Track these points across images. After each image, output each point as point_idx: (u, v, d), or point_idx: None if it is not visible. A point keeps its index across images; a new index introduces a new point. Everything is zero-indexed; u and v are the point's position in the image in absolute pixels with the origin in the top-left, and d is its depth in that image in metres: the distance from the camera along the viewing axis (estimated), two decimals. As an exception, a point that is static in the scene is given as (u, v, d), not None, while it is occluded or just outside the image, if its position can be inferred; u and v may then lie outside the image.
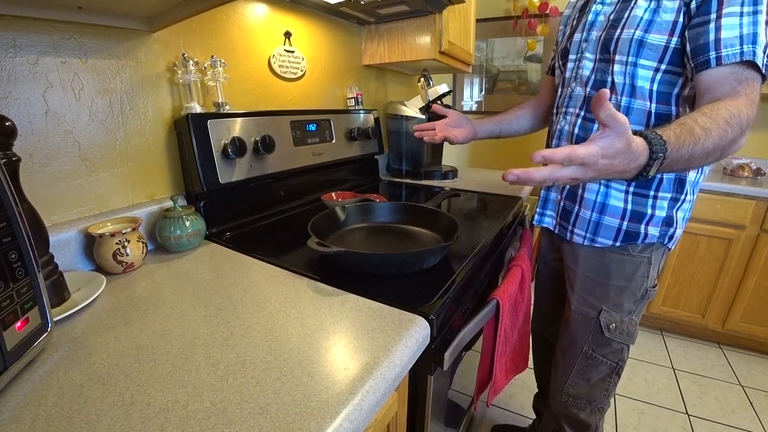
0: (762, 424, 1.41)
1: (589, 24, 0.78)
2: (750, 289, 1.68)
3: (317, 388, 0.42)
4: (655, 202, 0.76)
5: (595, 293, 0.84)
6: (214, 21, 0.93)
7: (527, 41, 2.26)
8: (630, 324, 0.83)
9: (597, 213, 0.80)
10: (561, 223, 0.88)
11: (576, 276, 0.86)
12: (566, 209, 0.86)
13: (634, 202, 0.77)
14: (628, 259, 0.80)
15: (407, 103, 1.51)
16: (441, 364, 0.60)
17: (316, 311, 0.57)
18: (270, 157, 0.99)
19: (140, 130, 0.81)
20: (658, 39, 0.67)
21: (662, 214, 0.76)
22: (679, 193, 0.76)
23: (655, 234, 0.77)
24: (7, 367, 0.41)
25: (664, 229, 0.77)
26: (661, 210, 0.76)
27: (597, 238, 0.81)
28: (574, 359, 0.89)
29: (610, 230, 0.79)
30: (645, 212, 0.76)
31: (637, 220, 0.77)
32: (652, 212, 0.76)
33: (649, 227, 0.77)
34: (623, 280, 0.81)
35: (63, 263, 0.65)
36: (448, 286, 0.64)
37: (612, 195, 0.78)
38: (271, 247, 0.82)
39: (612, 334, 0.83)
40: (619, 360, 0.85)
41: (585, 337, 0.86)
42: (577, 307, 0.87)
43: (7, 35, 0.61)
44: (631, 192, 0.77)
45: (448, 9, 1.31)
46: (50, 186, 0.69)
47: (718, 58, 0.60)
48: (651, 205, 0.76)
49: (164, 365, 0.45)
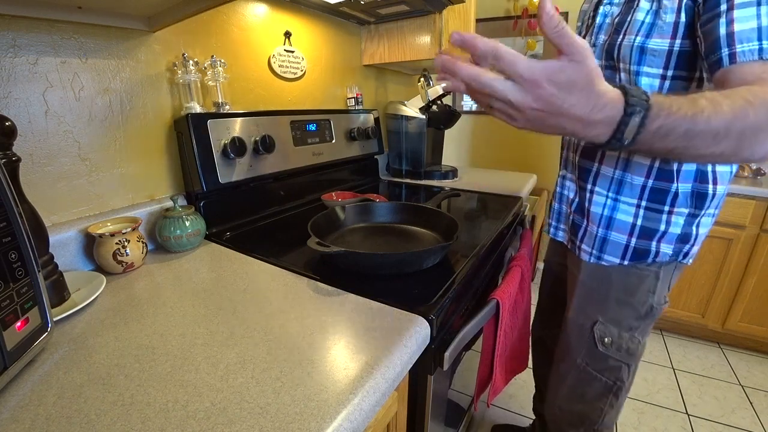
0: (762, 423, 1.41)
1: (597, 27, 0.72)
2: (750, 289, 1.68)
3: (317, 388, 0.42)
4: (670, 217, 0.67)
5: (592, 303, 0.78)
6: (214, 21, 0.93)
7: (527, 41, 2.26)
8: (631, 341, 0.76)
9: (603, 228, 0.73)
10: (571, 239, 0.82)
11: (576, 283, 0.81)
12: (575, 223, 0.79)
13: (645, 217, 0.68)
14: (631, 272, 0.73)
15: (407, 103, 1.51)
16: (441, 364, 0.60)
17: (316, 311, 0.57)
18: (270, 157, 0.99)
19: (140, 130, 0.81)
20: (661, 43, 0.60)
21: (676, 230, 0.68)
22: (698, 208, 0.66)
23: (668, 252, 0.69)
24: (7, 367, 0.41)
25: (679, 246, 0.69)
26: (676, 227, 0.67)
27: (603, 255, 0.74)
28: (568, 371, 0.84)
29: (617, 247, 0.72)
30: (657, 228, 0.68)
31: (647, 236, 0.69)
32: (666, 228, 0.68)
33: (662, 244, 0.69)
34: (625, 294, 0.74)
35: (63, 263, 0.65)
36: (448, 286, 0.64)
37: (620, 208, 0.70)
38: (271, 247, 0.82)
39: (607, 349, 0.77)
40: (617, 379, 0.78)
41: (579, 348, 0.81)
42: (573, 316, 0.82)
43: (7, 35, 0.61)
44: (643, 206, 0.69)
45: (448, 9, 1.31)
46: (50, 186, 0.69)
47: (732, 56, 0.49)
48: (665, 221, 0.67)
49: (164, 365, 0.45)
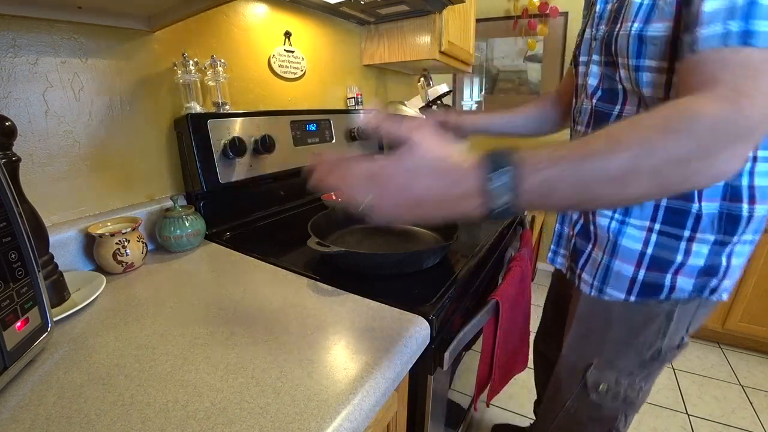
0: (762, 423, 1.41)
1: (598, 17, 0.58)
2: (750, 289, 1.68)
3: (317, 388, 0.42)
4: (690, 245, 0.53)
5: (589, 343, 0.67)
6: (214, 21, 0.93)
7: (527, 41, 2.26)
8: (630, 389, 0.63)
9: (608, 255, 0.59)
10: (571, 266, 0.68)
11: (575, 310, 0.69)
12: (577, 248, 0.66)
13: (657, 244, 0.55)
14: (637, 309, 0.59)
15: (407, 103, 1.51)
16: (441, 364, 0.60)
17: (316, 311, 0.57)
18: (270, 157, 0.99)
19: (140, 130, 0.81)
20: (661, 29, 0.47)
21: (698, 262, 0.54)
22: (728, 234, 0.52)
23: (687, 288, 0.55)
24: (7, 367, 0.41)
25: (704, 279, 0.55)
26: (698, 257, 0.54)
27: (606, 288, 0.60)
28: (556, 411, 0.74)
29: (622, 280, 0.58)
30: (672, 259, 0.54)
31: (659, 268, 0.56)
32: (683, 260, 0.54)
33: (679, 278, 0.55)
34: (626, 333, 0.61)
35: (63, 263, 0.65)
36: (448, 286, 0.64)
37: (627, 233, 0.57)
38: (271, 247, 0.82)
39: (601, 397, 0.65)
40: (612, 429, 0.68)
41: (569, 391, 0.70)
42: (566, 353, 0.71)
43: (7, 35, 0.61)
44: (656, 230, 0.55)
45: (448, 9, 1.30)
46: (50, 186, 0.69)
47: (693, 42, 0.39)
48: (683, 250, 0.54)
49: (164, 365, 0.45)
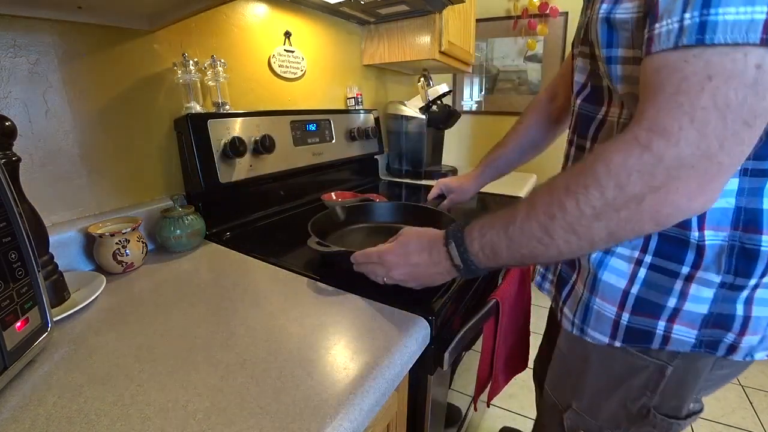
0: (762, 423, 1.41)
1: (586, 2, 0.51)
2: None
3: (317, 388, 0.42)
4: (687, 287, 0.43)
5: (566, 381, 0.59)
6: (214, 21, 0.93)
7: (527, 41, 2.26)
8: None
9: (588, 291, 0.50)
10: (555, 296, 0.60)
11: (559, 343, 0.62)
12: (562, 276, 0.57)
13: (646, 282, 0.45)
14: (619, 354, 0.50)
15: (407, 103, 1.51)
16: (441, 363, 0.60)
17: (316, 311, 0.57)
18: (270, 157, 0.99)
19: (140, 130, 0.81)
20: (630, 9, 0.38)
21: (701, 309, 0.43)
22: (741, 275, 0.41)
23: (688, 339, 0.45)
24: (7, 367, 0.41)
25: (712, 332, 0.44)
26: (698, 303, 0.43)
27: (587, 328, 0.51)
28: None
29: (604, 322, 0.49)
30: (662, 303, 0.45)
31: (647, 312, 0.46)
32: (678, 304, 0.44)
33: (675, 326, 0.45)
34: (605, 381, 0.53)
35: (63, 263, 0.65)
36: (448, 286, 0.64)
37: (610, 264, 0.47)
38: (271, 247, 0.82)
39: None
40: None
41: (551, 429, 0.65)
42: (548, 388, 0.65)
43: (7, 35, 0.61)
44: (645, 263, 0.45)
45: (448, 9, 1.30)
46: (50, 186, 0.69)
47: (649, 41, 0.33)
48: (677, 293, 0.44)
49: (164, 365, 0.45)
